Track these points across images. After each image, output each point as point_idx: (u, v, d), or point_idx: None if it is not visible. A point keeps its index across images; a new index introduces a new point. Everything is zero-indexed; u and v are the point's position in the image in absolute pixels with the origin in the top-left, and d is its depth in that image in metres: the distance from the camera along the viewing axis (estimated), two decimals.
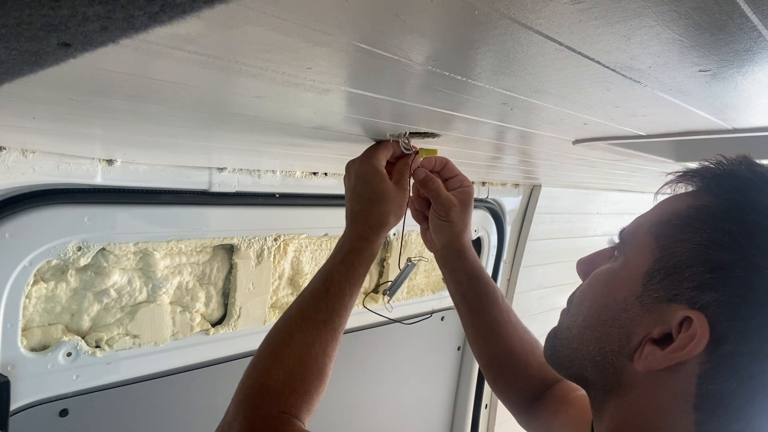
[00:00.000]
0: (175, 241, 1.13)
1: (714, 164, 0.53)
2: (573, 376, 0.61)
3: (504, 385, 0.93)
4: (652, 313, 0.51)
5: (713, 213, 0.50)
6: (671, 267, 0.51)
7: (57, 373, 1.03)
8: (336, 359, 0.76)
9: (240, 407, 0.67)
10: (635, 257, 0.55)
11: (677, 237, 0.51)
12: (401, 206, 0.84)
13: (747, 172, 0.51)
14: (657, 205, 0.57)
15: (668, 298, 0.50)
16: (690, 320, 0.48)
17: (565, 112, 0.60)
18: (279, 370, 0.70)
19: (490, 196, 1.85)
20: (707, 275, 0.48)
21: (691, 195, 0.54)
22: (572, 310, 0.61)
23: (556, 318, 0.64)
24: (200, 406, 1.27)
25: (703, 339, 0.47)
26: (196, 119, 0.66)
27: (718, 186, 0.52)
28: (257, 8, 0.29)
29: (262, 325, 1.34)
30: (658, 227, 0.54)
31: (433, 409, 2.04)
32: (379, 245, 0.83)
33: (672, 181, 0.56)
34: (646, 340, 0.51)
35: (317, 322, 0.75)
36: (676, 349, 0.48)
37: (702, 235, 0.49)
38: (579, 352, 0.58)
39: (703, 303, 0.48)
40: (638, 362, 0.51)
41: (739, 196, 0.50)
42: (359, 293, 0.81)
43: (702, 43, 0.35)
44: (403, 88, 0.50)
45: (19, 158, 0.86)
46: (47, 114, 0.59)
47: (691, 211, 0.52)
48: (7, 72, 0.27)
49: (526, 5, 0.30)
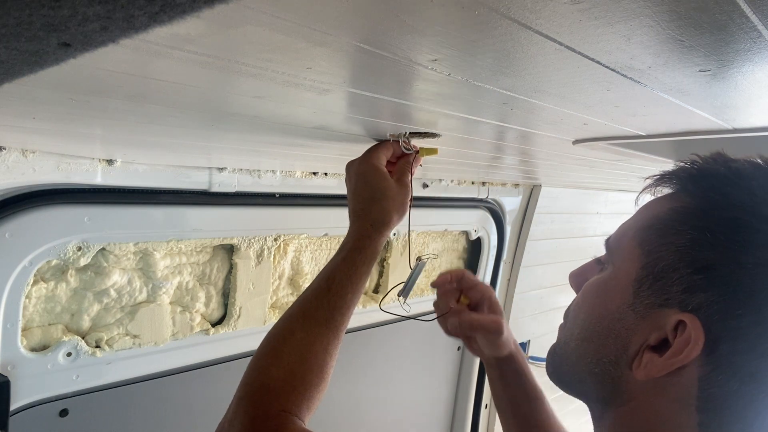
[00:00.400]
0: (175, 241, 1.13)
1: (689, 164, 0.53)
2: (574, 390, 0.60)
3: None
4: (646, 320, 0.51)
5: (693, 213, 0.50)
6: (658, 272, 0.50)
7: (57, 373, 1.03)
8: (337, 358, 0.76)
9: (240, 405, 0.67)
10: (623, 265, 0.54)
11: (661, 241, 0.51)
12: (403, 203, 0.84)
13: (722, 169, 0.51)
14: (639, 211, 0.57)
15: (660, 303, 0.50)
16: (684, 324, 0.48)
17: (565, 112, 0.60)
18: (279, 368, 0.70)
19: (490, 196, 1.85)
20: (694, 276, 0.48)
21: (670, 197, 0.54)
22: (568, 324, 0.61)
23: (556, 318, 0.64)
24: (200, 406, 1.27)
25: (698, 341, 0.47)
26: (196, 119, 0.66)
27: (695, 186, 0.51)
28: (257, 8, 0.29)
29: (262, 325, 1.34)
30: (642, 233, 0.53)
31: (433, 409, 2.04)
32: (382, 243, 0.82)
33: (650, 185, 0.56)
34: (643, 348, 0.51)
35: (319, 320, 0.74)
36: (674, 354, 0.48)
37: (684, 236, 0.49)
38: (577, 365, 0.57)
39: (694, 305, 0.47)
40: (638, 371, 0.51)
41: (715, 194, 0.50)
42: (362, 292, 0.81)
43: (702, 43, 0.35)
44: (403, 88, 0.50)
45: (19, 158, 0.86)
46: (47, 114, 0.59)
47: (672, 214, 0.51)
48: (7, 72, 0.27)
49: (526, 5, 0.30)
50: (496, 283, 2.03)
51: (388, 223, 0.82)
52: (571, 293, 0.65)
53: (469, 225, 1.84)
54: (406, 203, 0.84)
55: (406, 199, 0.84)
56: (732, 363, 0.47)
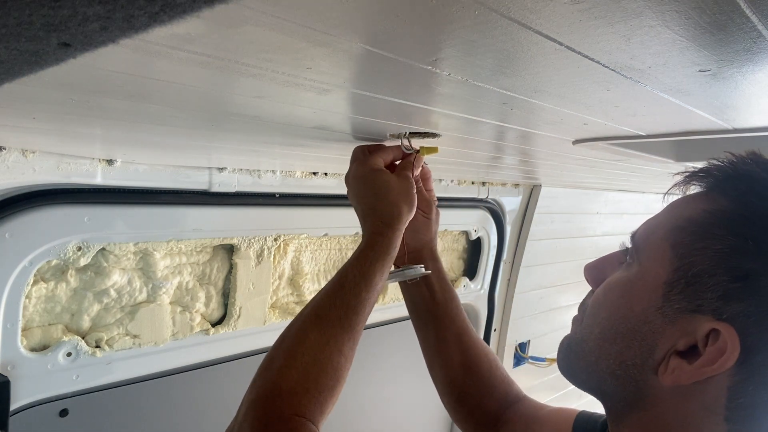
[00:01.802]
0: (175, 241, 1.13)
1: (725, 163, 0.51)
2: (590, 388, 0.59)
3: (469, 399, 0.89)
4: (676, 325, 0.49)
5: (731, 218, 0.48)
6: (692, 276, 0.48)
7: (57, 373, 1.03)
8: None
9: (251, 407, 0.64)
10: (652, 266, 0.52)
11: (695, 245, 0.49)
12: (408, 193, 0.82)
13: (761, 171, 0.49)
14: (668, 208, 0.55)
15: (692, 308, 0.48)
16: (717, 332, 0.46)
17: (565, 112, 0.60)
18: (292, 370, 0.68)
19: (490, 196, 1.85)
20: (732, 284, 0.46)
21: (704, 198, 0.52)
22: (586, 321, 0.58)
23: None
24: (200, 406, 1.27)
25: (734, 352, 0.45)
26: (196, 119, 0.66)
27: (733, 188, 0.49)
28: (257, 8, 0.29)
29: (262, 325, 1.34)
30: (675, 234, 0.51)
31: (434, 409, 2.03)
32: (397, 238, 0.80)
33: (681, 182, 0.54)
34: (670, 353, 0.49)
35: (332, 320, 0.72)
36: (706, 364, 0.46)
37: (722, 242, 0.47)
38: (597, 365, 0.55)
39: (730, 314, 0.46)
40: (664, 376, 0.49)
41: (756, 198, 0.48)
42: (378, 291, 0.78)
43: (702, 43, 0.35)
44: (403, 88, 0.50)
45: (19, 158, 0.86)
46: (47, 114, 0.59)
47: (707, 217, 0.49)
48: (7, 72, 0.27)
49: (526, 5, 0.30)
50: (496, 283, 2.03)
51: (398, 216, 0.80)
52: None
53: (469, 225, 1.84)
54: (412, 194, 0.83)
55: (412, 190, 0.83)
56: (764, 374, 0.46)
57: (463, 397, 0.90)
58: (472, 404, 0.89)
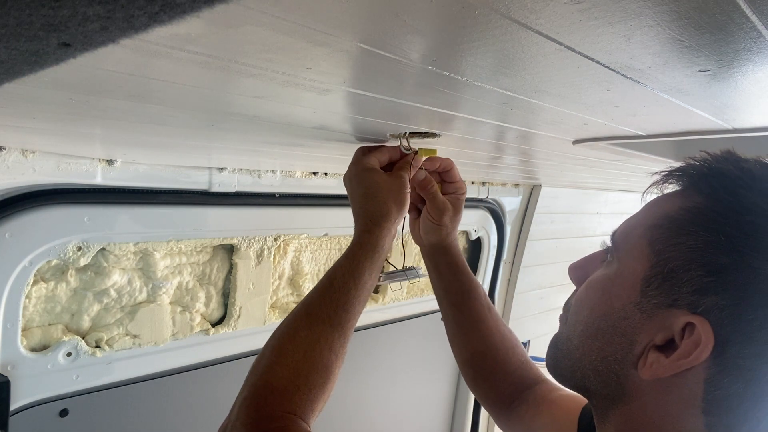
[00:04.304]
0: (175, 241, 1.13)
1: (700, 162, 0.52)
2: (575, 386, 0.60)
3: (483, 381, 0.93)
4: (653, 320, 0.50)
5: (706, 215, 0.49)
6: (668, 272, 0.50)
7: (57, 373, 1.03)
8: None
9: (243, 405, 0.66)
10: (630, 263, 0.54)
11: (671, 241, 0.50)
12: (399, 194, 0.83)
13: (734, 169, 0.50)
14: (646, 207, 0.56)
15: (668, 303, 0.50)
16: (693, 326, 0.47)
17: (565, 112, 0.60)
18: (283, 367, 0.69)
19: (490, 196, 1.85)
20: (706, 279, 0.47)
21: (680, 195, 0.53)
22: (570, 319, 0.60)
23: (556, 318, 0.64)
24: (200, 406, 1.27)
25: (708, 345, 0.46)
26: (196, 119, 0.66)
27: (708, 186, 0.51)
28: (257, 8, 0.29)
29: (262, 325, 1.34)
30: (652, 231, 0.53)
31: (433, 409, 2.04)
32: (384, 237, 0.81)
33: (658, 181, 0.55)
34: (649, 347, 0.51)
35: (322, 317, 0.73)
36: (682, 356, 0.48)
37: (697, 238, 0.49)
38: (581, 362, 0.57)
39: (704, 307, 0.47)
40: (643, 370, 0.51)
41: (728, 195, 0.49)
42: (369, 290, 0.79)
43: (702, 43, 0.35)
44: (403, 88, 0.50)
45: (19, 158, 0.86)
46: (47, 114, 0.59)
47: (683, 213, 0.51)
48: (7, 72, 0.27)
49: (526, 5, 0.30)
50: (496, 283, 2.03)
51: (386, 215, 0.81)
52: (571, 293, 0.64)
53: (469, 225, 1.84)
54: (403, 194, 0.83)
55: (403, 190, 0.83)
56: (739, 366, 0.47)
57: (477, 380, 0.94)
58: (486, 387, 0.93)
